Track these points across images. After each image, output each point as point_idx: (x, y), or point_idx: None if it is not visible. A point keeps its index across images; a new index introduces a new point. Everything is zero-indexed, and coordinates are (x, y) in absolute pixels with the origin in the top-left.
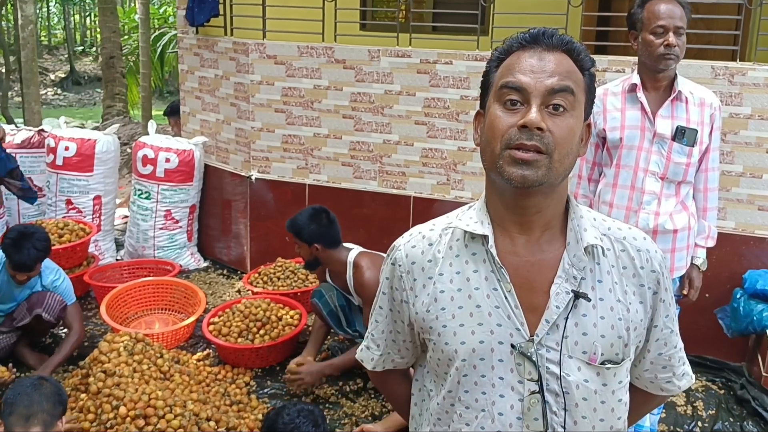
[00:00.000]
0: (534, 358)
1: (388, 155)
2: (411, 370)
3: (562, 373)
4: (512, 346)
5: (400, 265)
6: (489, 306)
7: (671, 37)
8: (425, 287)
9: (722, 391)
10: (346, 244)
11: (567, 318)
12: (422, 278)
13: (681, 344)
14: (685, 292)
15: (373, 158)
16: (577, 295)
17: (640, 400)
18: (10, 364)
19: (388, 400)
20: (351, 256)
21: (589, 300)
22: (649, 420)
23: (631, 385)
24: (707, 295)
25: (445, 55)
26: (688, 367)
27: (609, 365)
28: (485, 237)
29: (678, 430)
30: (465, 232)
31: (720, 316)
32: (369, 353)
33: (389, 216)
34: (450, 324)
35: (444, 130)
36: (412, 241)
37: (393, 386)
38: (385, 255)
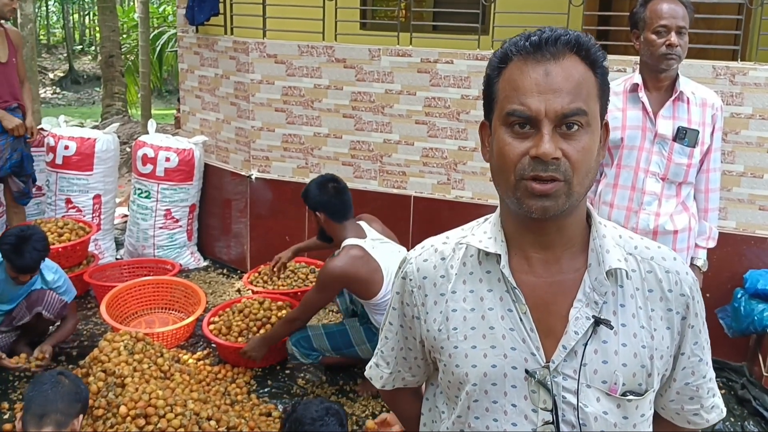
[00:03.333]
0: (549, 386)
1: (389, 155)
2: (422, 387)
3: (579, 404)
4: (527, 371)
5: (411, 280)
6: (503, 328)
7: (673, 37)
8: (437, 304)
9: (723, 391)
10: (364, 226)
11: (586, 345)
12: (434, 294)
13: (712, 374)
14: None
15: (374, 158)
16: (598, 322)
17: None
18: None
19: (398, 418)
20: (348, 241)
21: (611, 327)
22: None
23: (657, 416)
24: (708, 295)
25: (445, 54)
26: (718, 399)
27: (631, 396)
28: (498, 255)
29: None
30: (479, 249)
31: (721, 316)
32: (378, 371)
33: (390, 216)
34: (461, 345)
35: (444, 129)
36: (424, 255)
37: (403, 405)
38: (374, 258)
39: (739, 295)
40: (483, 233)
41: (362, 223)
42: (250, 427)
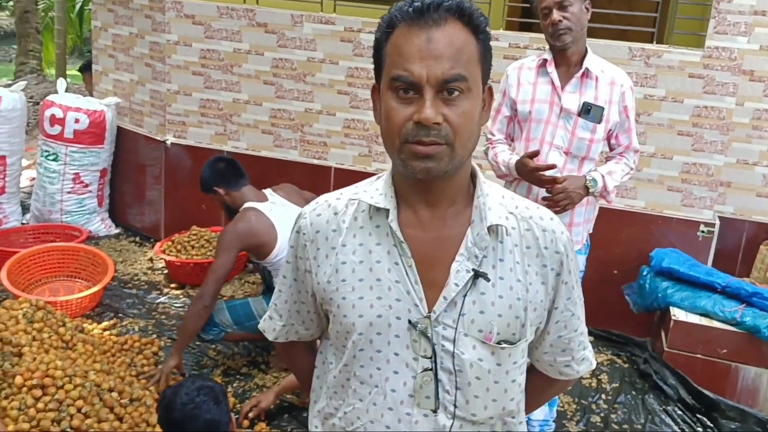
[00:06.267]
0: (429, 335)
1: (310, 124)
2: (317, 342)
3: (456, 351)
4: (410, 321)
5: (304, 234)
6: (389, 280)
7: (554, 14)
8: (328, 257)
9: (626, 365)
10: (268, 192)
11: (465, 296)
12: (325, 248)
13: (584, 329)
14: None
15: (294, 127)
16: (477, 274)
17: (541, 384)
18: None
19: (292, 372)
20: (246, 205)
21: (488, 279)
22: (542, 413)
23: (532, 368)
24: (615, 271)
25: (369, 23)
26: (589, 353)
27: (504, 345)
28: (388, 210)
29: (582, 402)
30: (369, 204)
31: (627, 293)
32: (271, 323)
33: (310, 186)
34: (349, 296)
35: (367, 100)
36: (318, 210)
37: (297, 358)
38: (267, 217)
39: (645, 273)
40: (375, 190)
41: (267, 190)
42: (154, 398)
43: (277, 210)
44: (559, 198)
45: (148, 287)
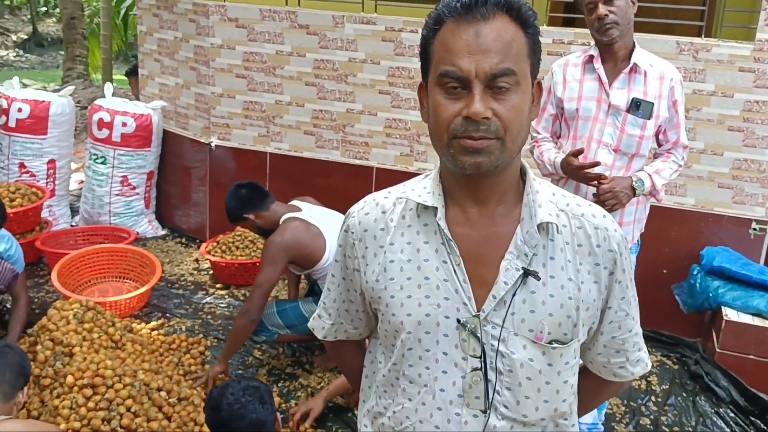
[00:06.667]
0: (478, 334)
1: (351, 125)
2: (366, 341)
3: (505, 351)
4: (458, 321)
5: (353, 233)
6: (437, 279)
7: (600, 9)
8: (376, 256)
9: (676, 367)
10: (297, 203)
11: (515, 294)
12: (374, 247)
13: (638, 330)
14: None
15: (336, 127)
16: (527, 273)
17: (594, 386)
18: None
19: (342, 371)
20: (285, 216)
21: (539, 278)
22: (590, 416)
23: (585, 370)
24: (665, 271)
25: (410, 23)
26: (644, 354)
27: (556, 345)
28: (436, 209)
29: (632, 404)
30: (417, 202)
31: (677, 292)
32: (320, 322)
33: (352, 186)
34: (398, 295)
35: (408, 100)
36: (366, 208)
37: (346, 357)
38: (313, 224)
39: (695, 272)
40: (423, 188)
41: (294, 202)
42: (202, 398)
43: (317, 216)
44: (606, 198)
45: (194, 287)
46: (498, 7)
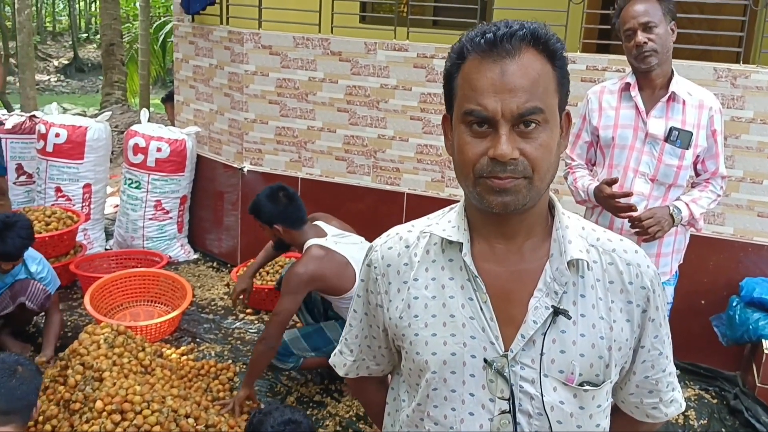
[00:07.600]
0: (507, 375)
1: (383, 150)
2: (389, 377)
3: (535, 393)
4: (485, 360)
5: (375, 267)
6: (463, 316)
7: (639, 36)
8: (400, 292)
9: (715, 401)
10: (323, 225)
11: (545, 334)
12: (397, 282)
13: (672, 369)
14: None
15: (367, 153)
16: (557, 311)
17: (626, 426)
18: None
19: (364, 408)
20: (309, 242)
21: (569, 317)
22: None
23: (616, 409)
24: (703, 302)
25: (442, 49)
26: (678, 394)
27: (587, 387)
28: (461, 244)
29: None
30: (442, 237)
31: (715, 324)
32: (342, 358)
33: (383, 212)
34: (422, 333)
35: (439, 126)
36: (389, 242)
37: (369, 394)
38: (339, 253)
39: (734, 303)
40: (447, 222)
41: (320, 223)
42: (230, 425)
43: (343, 243)
44: (650, 224)
45: (224, 312)
46: (524, 41)
